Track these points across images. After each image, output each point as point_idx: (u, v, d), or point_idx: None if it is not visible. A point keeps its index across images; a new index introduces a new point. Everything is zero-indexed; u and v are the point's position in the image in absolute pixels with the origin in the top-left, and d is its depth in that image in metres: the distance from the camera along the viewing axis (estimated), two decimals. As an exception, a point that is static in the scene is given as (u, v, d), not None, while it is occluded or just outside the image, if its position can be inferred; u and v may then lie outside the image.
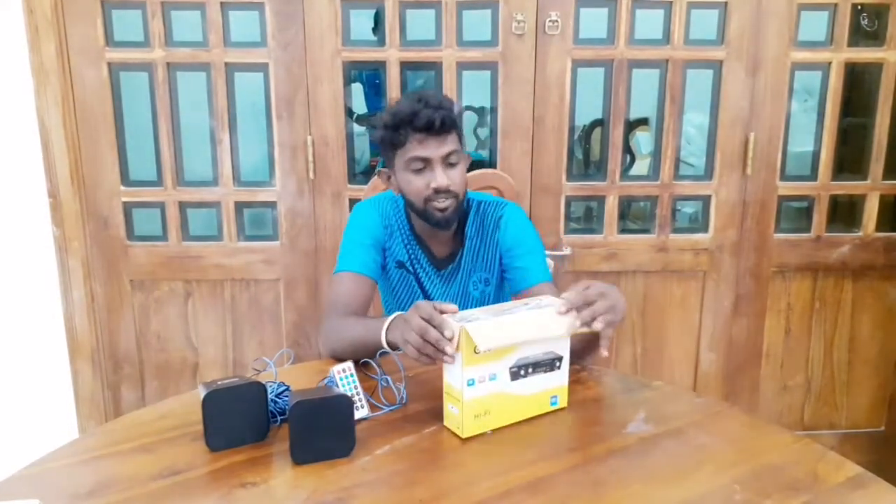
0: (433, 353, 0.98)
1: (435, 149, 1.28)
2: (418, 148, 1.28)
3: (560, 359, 1.06)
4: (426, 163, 1.29)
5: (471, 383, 0.97)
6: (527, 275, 1.38)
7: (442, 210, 1.31)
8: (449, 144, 1.29)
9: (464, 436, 0.97)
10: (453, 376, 0.98)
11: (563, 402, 1.07)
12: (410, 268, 1.44)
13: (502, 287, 1.48)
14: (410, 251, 1.44)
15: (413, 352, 1.01)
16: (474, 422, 0.98)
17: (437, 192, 1.30)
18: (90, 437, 1.04)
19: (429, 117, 1.25)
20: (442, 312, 1.01)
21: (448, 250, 1.43)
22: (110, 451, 0.96)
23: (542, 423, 1.04)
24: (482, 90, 1.98)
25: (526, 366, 1.02)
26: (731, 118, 1.96)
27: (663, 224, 2.02)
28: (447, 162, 1.30)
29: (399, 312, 1.13)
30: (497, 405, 1.00)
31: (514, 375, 1.01)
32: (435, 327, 0.98)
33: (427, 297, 1.46)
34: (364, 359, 1.18)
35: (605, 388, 1.19)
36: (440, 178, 1.29)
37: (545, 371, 1.04)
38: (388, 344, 1.14)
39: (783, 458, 0.95)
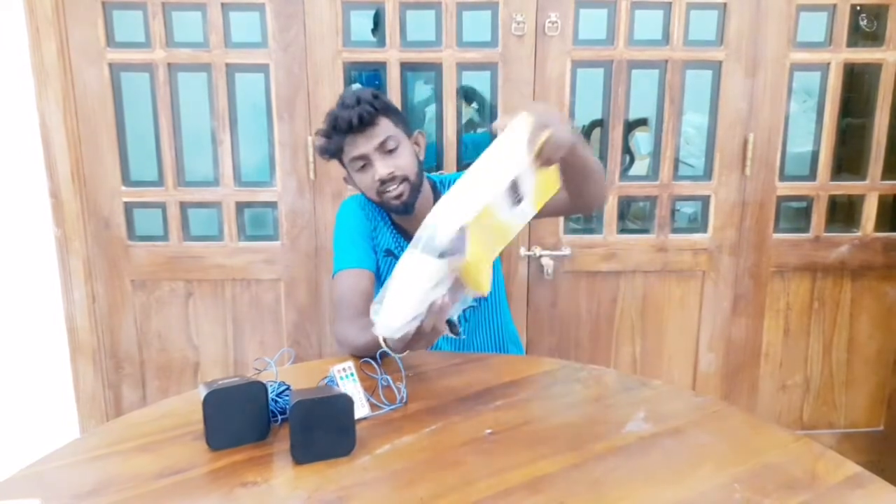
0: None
1: (365, 144, 1.32)
2: (352, 149, 1.33)
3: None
4: (364, 159, 1.33)
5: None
6: None
7: (396, 197, 1.35)
8: (378, 135, 1.32)
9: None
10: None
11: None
12: (398, 255, 1.45)
13: None
14: (395, 238, 1.46)
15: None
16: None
17: (383, 182, 1.33)
18: (91, 436, 1.05)
19: (347, 118, 1.30)
20: None
21: None
22: (111, 450, 0.97)
23: (542, 422, 1.05)
24: (482, 91, 1.98)
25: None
26: (731, 118, 1.96)
27: (662, 224, 2.02)
28: (384, 150, 1.33)
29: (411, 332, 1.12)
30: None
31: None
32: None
33: None
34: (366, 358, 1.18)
35: (603, 387, 1.19)
36: (380, 169, 1.32)
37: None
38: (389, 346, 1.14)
39: (782, 457, 0.95)
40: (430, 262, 0.95)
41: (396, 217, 1.46)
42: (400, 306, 0.97)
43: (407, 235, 1.46)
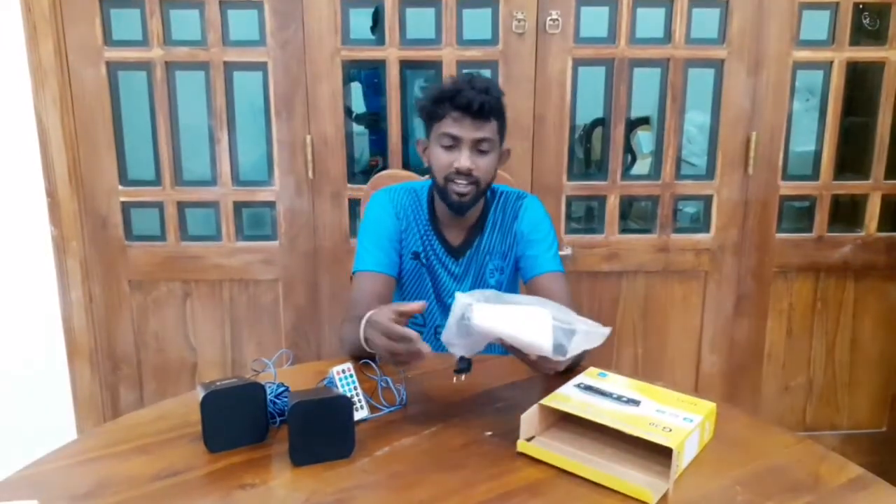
0: (407, 360, 0.98)
1: (468, 131, 1.29)
2: (453, 125, 1.30)
3: None
4: (456, 141, 1.30)
5: None
6: (537, 263, 1.39)
7: (460, 194, 1.32)
8: (484, 131, 1.30)
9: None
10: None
11: None
12: (425, 259, 1.43)
13: (515, 277, 1.48)
14: (426, 240, 1.43)
15: (387, 355, 1.00)
16: None
17: (459, 172, 1.30)
18: (88, 437, 1.04)
19: (469, 98, 1.26)
20: (402, 314, 0.99)
21: (464, 237, 1.43)
22: (108, 451, 0.96)
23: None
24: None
25: None
26: (733, 117, 1.95)
27: (664, 224, 2.02)
28: (477, 148, 1.31)
29: (370, 313, 1.06)
30: None
31: None
32: (397, 339, 0.96)
33: (437, 289, 1.45)
34: (365, 359, 1.17)
35: (606, 388, 1.18)
36: (464, 159, 1.30)
37: None
38: (366, 342, 1.08)
39: (785, 459, 0.94)
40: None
41: (440, 212, 1.42)
42: (502, 318, 0.97)
43: (440, 237, 1.43)
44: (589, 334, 0.98)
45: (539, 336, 0.95)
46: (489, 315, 0.96)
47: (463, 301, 0.97)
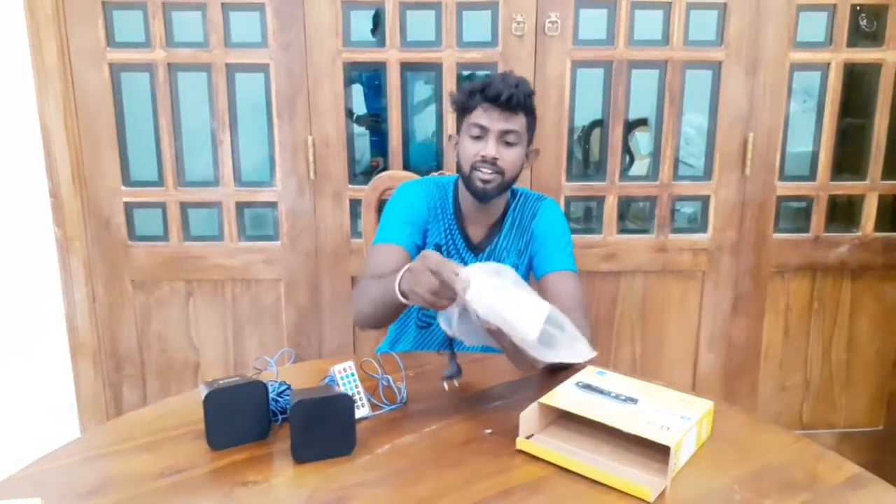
0: (445, 297, 0.99)
1: (496, 121, 1.32)
2: (482, 116, 1.33)
3: None
4: (484, 132, 1.34)
5: None
6: (549, 261, 1.41)
7: (484, 181, 1.34)
8: (512, 123, 1.33)
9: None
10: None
11: None
12: (445, 252, 1.44)
13: (528, 277, 1.50)
14: (449, 233, 1.45)
15: (424, 299, 1.01)
16: None
17: (484, 160, 1.33)
18: (92, 436, 1.05)
19: (499, 89, 1.30)
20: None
21: (485, 233, 1.45)
22: (112, 450, 0.97)
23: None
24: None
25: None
26: (731, 119, 1.96)
27: (662, 224, 2.03)
28: (504, 139, 1.34)
29: (410, 264, 1.09)
30: None
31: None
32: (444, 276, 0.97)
33: None
34: (387, 319, 1.23)
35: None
36: (490, 147, 1.33)
37: None
38: (402, 294, 1.10)
39: (782, 457, 0.95)
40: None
41: (464, 205, 1.44)
42: (498, 293, 0.96)
43: (462, 230, 1.45)
44: (573, 349, 0.98)
45: (527, 322, 0.94)
46: (487, 286, 0.96)
47: (466, 274, 0.96)
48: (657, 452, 0.89)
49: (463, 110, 1.37)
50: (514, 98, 1.30)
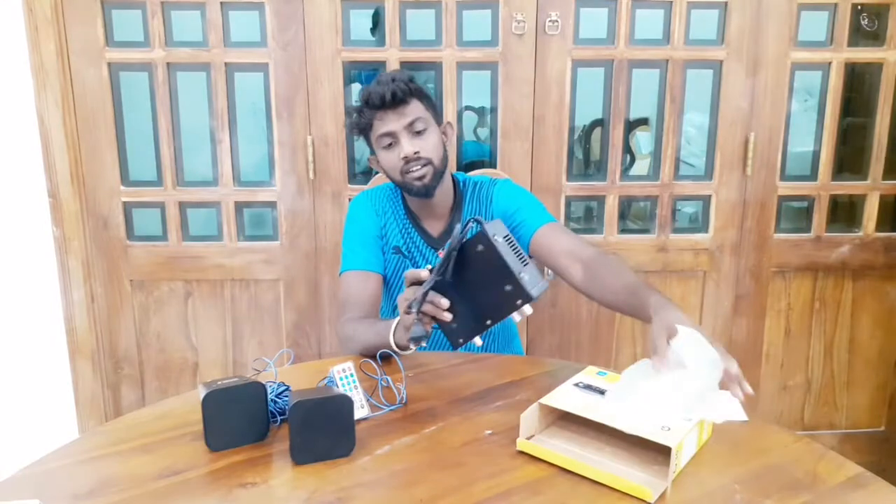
0: (433, 311, 1.02)
1: (395, 121, 1.33)
2: (381, 125, 1.34)
3: None
4: (392, 137, 1.35)
5: None
6: (526, 225, 1.39)
7: (419, 178, 1.35)
8: (410, 114, 1.33)
9: None
10: None
11: None
12: (406, 252, 1.45)
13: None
14: (405, 234, 1.45)
15: (411, 318, 1.04)
16: None
17: (408, 160, 1.33)
18: (90, 437, 1.04)
19: (381, 93, 1.31)
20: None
21: (443, 228, 1.45)
22: (110, 451, 0.96)
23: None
24: (482, 90, 1.98)
25: None
26: (731, 118, 1.96)
27: (663, 224, 2.02)
28: (412, 131, 1.34)
29: (400, 319, 1.15)
30: None
31: None
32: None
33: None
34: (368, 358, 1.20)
35: (605, 388, 1.18)
36: (406, 146, 1.33)
37: None
38: (397, 345, 1.17)
39: (783, 458, 0.95)
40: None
41: (413, 206, 1.45)
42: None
43: (419, 229, 1.45)
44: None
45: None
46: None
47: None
48: (658, 453, 0.89)
49: (363, 130, 1.38)
50: (397, 92, 1.31)
